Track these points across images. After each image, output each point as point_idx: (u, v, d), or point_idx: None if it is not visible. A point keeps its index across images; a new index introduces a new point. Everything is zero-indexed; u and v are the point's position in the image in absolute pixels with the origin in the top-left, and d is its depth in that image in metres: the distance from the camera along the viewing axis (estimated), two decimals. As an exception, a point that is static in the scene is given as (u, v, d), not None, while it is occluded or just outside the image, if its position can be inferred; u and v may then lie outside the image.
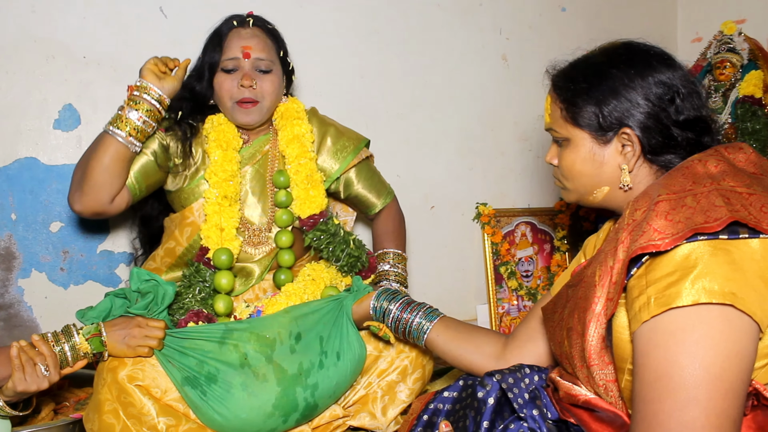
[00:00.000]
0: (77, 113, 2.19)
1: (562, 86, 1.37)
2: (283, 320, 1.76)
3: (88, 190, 1.79)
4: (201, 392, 1.62)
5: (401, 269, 2.14)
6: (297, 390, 1.68)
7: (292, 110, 2.05)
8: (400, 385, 1.82)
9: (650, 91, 1.27)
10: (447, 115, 2.82)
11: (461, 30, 2.84)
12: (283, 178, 2.00)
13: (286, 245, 2.00)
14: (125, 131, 1.79)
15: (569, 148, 1.35)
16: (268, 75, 1.96)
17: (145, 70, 1.83)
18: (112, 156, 1.79)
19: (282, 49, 2.02)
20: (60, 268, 2.20)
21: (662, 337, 1.01)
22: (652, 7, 3.38)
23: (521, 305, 2.88)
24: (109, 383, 1.60)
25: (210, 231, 1.89)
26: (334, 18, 2.57)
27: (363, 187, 2.17)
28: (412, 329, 1.64)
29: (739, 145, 1.25)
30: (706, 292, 0.99)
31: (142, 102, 1.80)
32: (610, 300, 1.13)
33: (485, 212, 2.86)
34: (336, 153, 2.11)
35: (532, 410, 1.25)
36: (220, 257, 1.88)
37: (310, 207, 1.98)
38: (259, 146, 2.05)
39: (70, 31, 2.16)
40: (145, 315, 1.69)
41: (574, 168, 1.35)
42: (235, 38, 1.94)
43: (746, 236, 1.04)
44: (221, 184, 1.91)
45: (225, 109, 1.97)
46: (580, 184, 1.36)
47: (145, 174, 1.89)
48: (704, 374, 0.97)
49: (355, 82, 2.63)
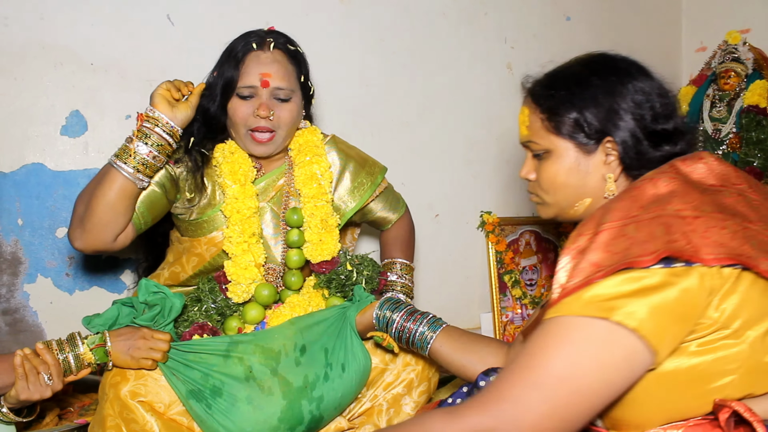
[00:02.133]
0: (84, 119, 2.20)
1: (543, 95, 1.35)
2: (287, 332, 1.74)
3: (91, 228, 1.68)
4: (206, 405, 1.60)
5: (408, 280, 2.11)
6: (302, 403, 1.67)
7: (310, 144, 1.93)
8: (406, 398, 1.80)
9: (631, 99, 1.26)
10: (452, 123, 2.83)
11: (466, 39, 2.84)
12: (297, 217, 1.90)
13: (295, 287, 1.94)
14: (132, 167, 1.65)
15: (551, 160, 1.33)
16: (287, 104, 1.83)
17: (156, 97, 1.69)
18: (117, 192, 1.66)
19: (303, 73, 1.89)
20: (65, 273, 2.20)
21: (550, 328, 1.09)
22: (656, 17, 3.39)
23: (525, 314, 2.88)
24: (111, 399, 1.59)
25: (239, 272, 1.81)
26: (340, 27, 2.58)
27: (380, 210, 2.11)
28: (415, 339, 1.64)
29: (699, 155, 1.25)
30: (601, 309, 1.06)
31: (153, 135, 1.66)
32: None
33: (490, 221, 2.86)
34: (353, 191, 2.01)
35: None
36: (262, 292, 1.83)
37: (321, 253, 1.89)
38: (272, 180, 1.93)
39: (77, 38, 2.17)
40: (151, 327, 1.67)
41: (557, 180, 1.32)
42: (253, 63, 1.80)
43: (681, 265, 1.05)
44: (246, 221, 1.82)
45: (238, 136, 1.85)
46: (562, 197, 1.34)
47: (151, 207, 1.77)
48: (564, 370, 1.05)
49: (361, 90, 2.64)
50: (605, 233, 1.10)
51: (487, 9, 2.88)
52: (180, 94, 1.73)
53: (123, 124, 2.22)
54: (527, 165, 1.39)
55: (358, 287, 1.85)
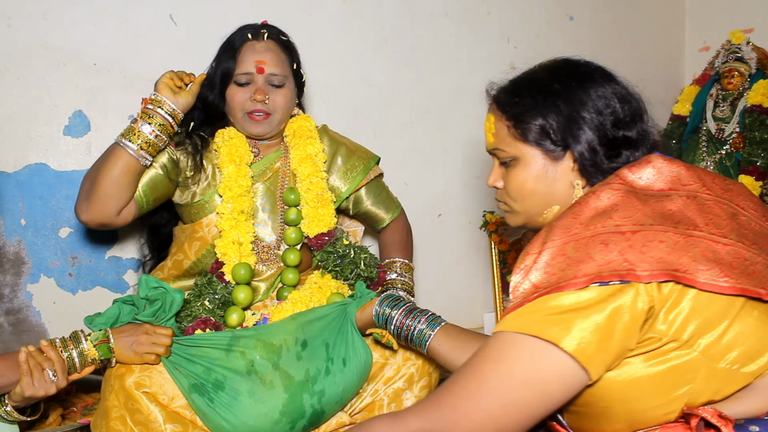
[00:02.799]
0: (87, 120, 2.20)
1: (508, 102, 1.34)
2: (289, 327, 1.76)
3: (96, 201, 1.78)
4: (208, 399, 1.62)
5: (408, 278, 2.13)
6: (304, 396, 1.68)
7: (304, 128, 2.04)
8: (407, 392, 1.81)
9: (591, 106, 1.25)
10: (454, 123, 2.83)
11: (469, 38, 2.84)
12: (294, 196, 1.99)
13: (293, 263, 1.98)
14: (137, 144, 1.78)
15: (518, 167, 1.31)
16: (281, 89, 1.95)
17: (160, 84, 1.82)
18: (122, 168, 1.78)
19: (295, 62, 2.01)
20: (68, 273, 2.21)
21: (490, 342, 1.13)
22: (660, 16, 3.39)
23: (528, 314, 2.87)
24: (117, 390, 1.60)
25: (227, 247, 1.88)
26: (343, 27, 2.58)
27: (372, 204, 2.17)
28: (414, 336, 1.63)
29: (648, 159, 1.23)
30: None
31: (156, 116, 1.79)
32: None
33: (492, 220, 2.86)
34: (346, 173, 2.10)
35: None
36: (239, 271, 1.87)
37: (318, 225, 1.96)
38: (269, 163, 2.03)
39: (80, 38, 2.18)
40: (153, 322, 1.69)
41: (525, 187, 1.31)
42: (249, 52, 1.93)
43: (616, 283, 1.05)
44: (236, 199, 1.90)
45: (236, 119, 1.96)
46: (531, 204, 1.32)
47: (154, 187, 1.88)
48: (498, 383, 1.08)
49: (363, 90, 2.64)
50: (546, 253, 1.12)
51: (490, 9, 2.88)
52: (182, 82, 1.86)
53: (126, 124, 2.19)
54: (494, 173, 1.38)
55: (359, 283, 1.86)
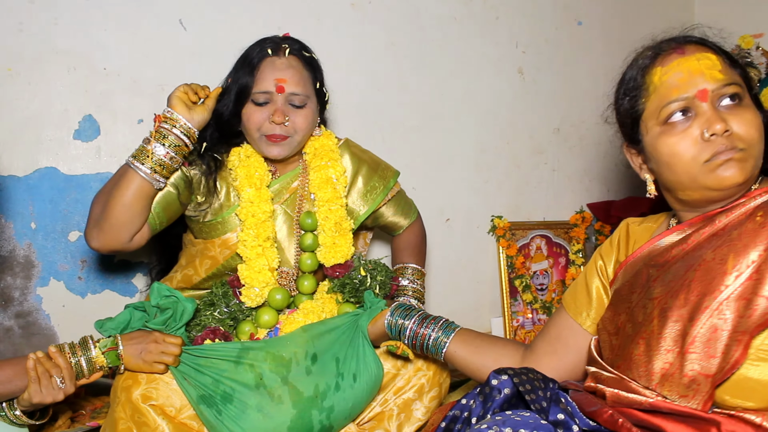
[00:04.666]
0: (97, 124, 2.21)
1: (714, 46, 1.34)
2: (299, 340, 1.74)
3: (108, 229, 1.70)
4: (216, 411, 1.61)
5: (419, 285, 2.11)
6: (313, 413, 1.66)
7: (326, 148, 1.94)
8: (416, 403, 1.79)
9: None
10: (463, 127, 2.83)
11: (478, 43, 2.84)
12: (311, 221, 1.91)
13: (308, 291, 1.94)
14: (150, 167, 1.68)
15: (747, 101, 1.29)
16: (302, 110, 1.84)
17: (174, 99, 1.72)
18: (134, 192, 1.69)
19: (319, 80, 1.90)
20: (78, 277, 2.22)
21: None
22: (669, 21, 3.35)
23: (536, 318, 2.87)
24: (123, 402, 1.59)
25: (253, 276, 1.83)
26: (352, 31, 2.59)
27: (392, 215, 2.12)
28: (429, 345, 1.63)
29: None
30: None
31: (170, 135, 1.69)
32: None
33: (500, 225, 2.85)
34: (365, 195, 2.02)
35: (557, 414, 1.22)
36: (275, 296, 1.85)
37: (335, 256, 1.90)
38: (286, 182, 1.95)
39: (91, 42, 2.18)
40: (163, 330, 1.68)
41: (760, 124, 1.27)
42: (268, 69, 1.81)
43: None
44: (260, 225, 1.83)
45: (252, 140, 1.87)
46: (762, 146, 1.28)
47: (167, 207, 1.79)
48: None
49: (372, 94, 2.64)
50: None
51: (499, 14, 2.88)
52: (197, 97, 1.75)
53: (135, 129, 2.23)
54: (715, 118, 1.25)
55: (368, 293, 1.83)
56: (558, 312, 1.55)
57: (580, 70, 3.09)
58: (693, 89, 1.26)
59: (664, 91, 1.29)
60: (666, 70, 1.30)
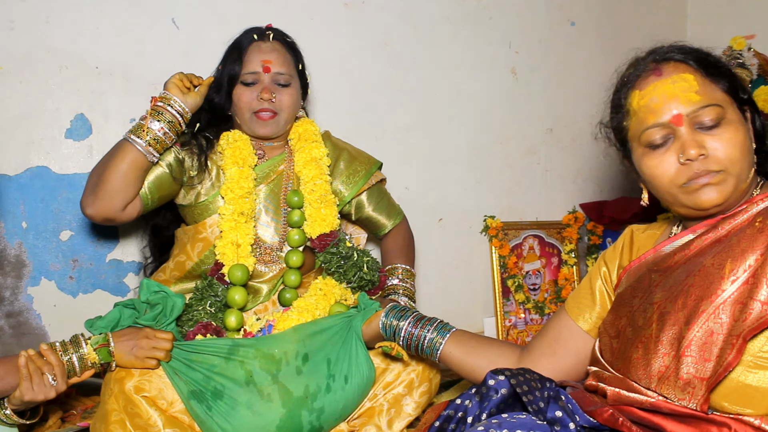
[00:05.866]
0: (89, 123, 2.21)
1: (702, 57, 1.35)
2: (290, 339, 1.75)
3: (102, 195, 1.80)
4: (206, 407, 1.62)
5: (410, 284, 2.13)
6: (302, 413, 1.67)
7: (309, 132, 2.06)
8: (407, 398, 1.80)
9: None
10: (456, 127, 2.83)
11: (471, 43, 2.85)
12: (297, 198, 2.00)
13: (296, 265, 1.98)
14: (145, 140, 1.81)
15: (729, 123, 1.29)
16: (287, 88, 1.98)
17: (170, 84, 1.87)
18: (129, 163, 1.81)
19: (300, 63, 2.05)
20: (69, 276, 2.21)
21: None
22: (661, 22, 3.39)
23: (528, 318, 2.88)
24: (116, 394, 1.61)
25: (225, 247, 1.89)
26: (345, 31, 2.59)
27: (373, 210, 2.17)
28: (424, 346, 1.62)
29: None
30: None
31: (165, 113, 1.83)
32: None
33: (493, 225, 2.86)
34: (348, 178, 2.11)
35: (555, 411, 1.21)
36: (236, 273, 1.87)
37: (321, 226, 1.97)
38: (274, 165, 2.05)
39: (83, 41, 2.18)
40: (154, 326, 1.69)
41: (745, 144, 1.27)
42: (255, 52, 1.97)
43: None
44: (237, 200, 1.91)
45: (243, 120, 1.99)
46: (745, 164, 1.27)
47: (159, 185, 1.90)
48: None
49: (365, 94, 2.64)
50: None
51: (492, 14, 2.88)
52: (191, 84, 1.91)
53: (127, 128, 2.19)
54: (691, 143, 1.27)
55: (362, 294, 1.85)
56: (558, 314, 1.56)
57: (573, 70, 3.10)
58: (668, 114, 1.28)
59: (642, 115, 1.31)
60: (643, 94, 1.32)
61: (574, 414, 1.22)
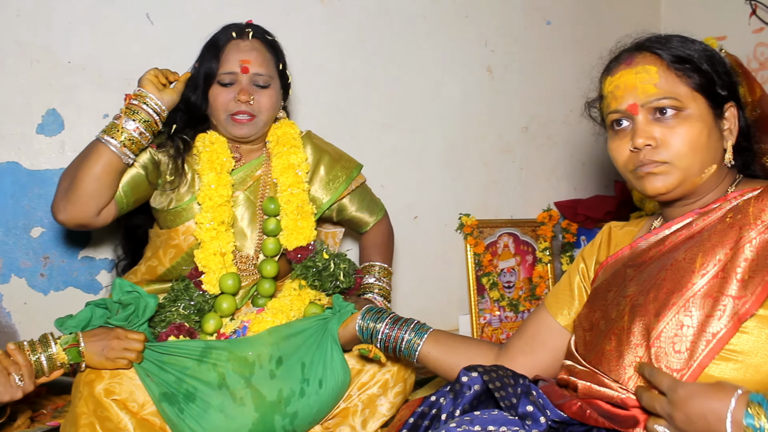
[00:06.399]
0: (61, 118, 2.18)
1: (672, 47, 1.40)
2: (263, 342, 1.73)
3: (76, 200, 1.72)
4: (178, 409, 1.60)
5: (386, 283, 2.11)
6: (275, 417, 1.66)
7: (288, 136, 1.99)
8: (381, 398, 1.79)
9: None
10: (431, 125, 2.84)
11: (447, 42, 2.85)
12: (273, 206, 1.94)
13: (270, 275, 1.94)
14: (120, 141, 1.72)
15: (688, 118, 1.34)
16: (266, 90, 1.90)
17: (144, 80, 1.77)
18: (103, 166, 1.72)
19: (281, 62, 1.97)
20: (40, 273, 2.18)
21: None
22: (635, 22, 3.39)
23: (503, 316, 2.89)
24: (86, 397, 1.58)
25: (208, 258, 1.83)
26: (321, 28, 2.58)
27: (356, 210, 2.14)
28: (402, 347, 1.62)
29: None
30: None
31: (141, 111, 1.74)
32: (741, 297, 1.16)
33: (468, 223, 2.87)
34: (328, 183, 2.05)
35: (526, 406, 1.22)
36: (227, 282, 1.84)
37: (297, 239, 1.92)
38: (251, 170, 1.98)
39: (55, 35, 2.15)
40: (125, 327, 1.66)
41: (699, 141, 1.32)
42: (233, 51, 1.88)
43: None
44: (216, 209, 1.85)
45: (219, 121, 1.91)
46: (697, 160, 1.33)
47: (135, 187, 1.82)
48: None
49: (341, 92, 2.64)
50: None
51: (468, 12, 2.89)
52: (167, 81, 1.81)
53: (101, 123, 2.17)
54: (642, 131, 1.35)
55: (336, 296, 1.83)
56: (536, 311, 1.57)
57: (548, 69, 3.12)
58: (625, 103, 1.34)
59: (609, 101, 1.39)
60: (611, 80, 1.38)
61: (545, 408, 1.23)
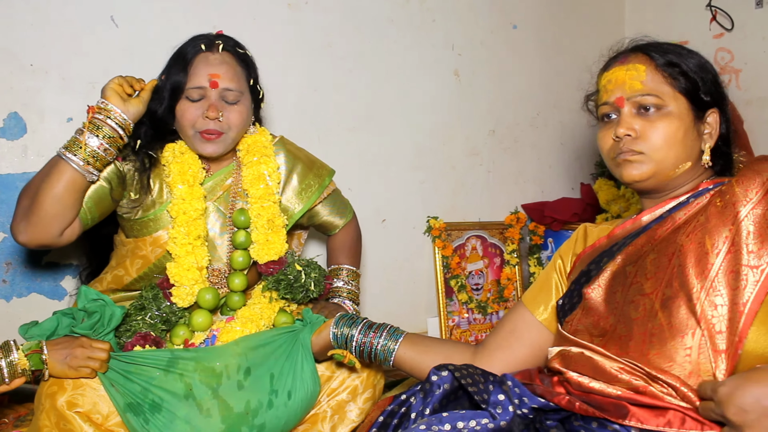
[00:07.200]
0: (23, 122, 2.15)
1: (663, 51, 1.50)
2: (231, 352, 1.70)
3: (37, 222, 1.64)
4: (144, 420, 1.57)
5: (354, 286, 2.11)
6: (242, 429, 1.63)
7: (259, 144, 1.93)
8: (350, 404, 1.78)
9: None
10: (399, 129, 2.85)
11: (414, 45, 2.87)
12: (244, 218, 1.88)
13: (239, 289, 1.90)
14: (83, 158, 1.63)
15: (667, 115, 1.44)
16: (236, 106, 1.82)
17: (108, 90, 1.67)
18: (65, 185, 1.63)
19: (252, 76, 1.89)
20: (2, 280, 2.14)
21: None
22: (600, 27, 3.47)
23: (471, 318, 2.91)
24: (48, 409, 1.54)
25: (182, 274, 1.79)
26: (288, 31, 2.57)
27: (327, 215, 2.12)
28: (378, 351, 1.62)
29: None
30: None
31: (104, 126, 1.64)
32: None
33: (436, 226, 2.88)
34: (300, 193, 2.01)
35: (498, 395, 1.24)
36: (205, 296, 1.81)
37: (268, 253, 1.87)
38: (220, 180, 1.92)
39: (16, 37, 2.12)
40: (90, 335, 1.62)
41: (676, 137, 1.42)
42: (202, 64, 1.79)
43: None
44: (192, 223, 1.80)
45: (186, 137, 1.84)
46: (671, 155, 1.43)
47: (99, 202, 1.74)
48: None
49: (308, 95, 2.64)
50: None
51: (435, 16, 2.91)
52: (132, 89, 1.72)
53: (64, 127, 2.17)
54: (625, 122, 1.47)
55: (306, 310, 1.81)
56: (514, 308, 1.60)
57: (514, 72, 3.15)
58: (613, 96, 1.46)
59: (601, 93, 1.51)
60: (605, 75, 1.50)
61: (522, 397, 1.25)
